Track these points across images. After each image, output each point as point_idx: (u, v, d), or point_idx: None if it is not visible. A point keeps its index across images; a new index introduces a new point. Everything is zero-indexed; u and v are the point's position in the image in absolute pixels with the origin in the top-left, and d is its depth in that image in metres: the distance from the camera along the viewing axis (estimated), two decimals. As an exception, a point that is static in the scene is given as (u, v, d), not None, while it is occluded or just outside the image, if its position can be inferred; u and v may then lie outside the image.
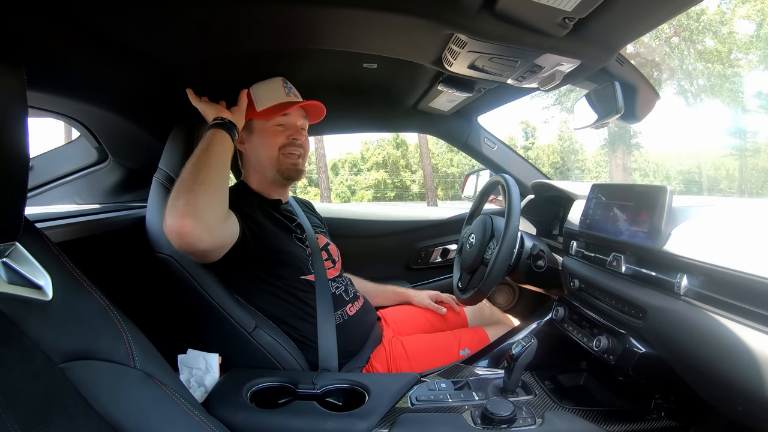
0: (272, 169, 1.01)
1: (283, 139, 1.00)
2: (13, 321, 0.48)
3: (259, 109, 0.99)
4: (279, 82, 1.02)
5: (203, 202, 0.75)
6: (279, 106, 0.99)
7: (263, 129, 1.01)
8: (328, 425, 0.69)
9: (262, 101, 1.00)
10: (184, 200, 0.74)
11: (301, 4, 0.69)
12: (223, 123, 0.88)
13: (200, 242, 0.75)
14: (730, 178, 13.51)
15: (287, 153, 1.01)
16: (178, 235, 0.73)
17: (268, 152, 1.00)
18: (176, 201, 0.74)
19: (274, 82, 1.02)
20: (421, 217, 1.70)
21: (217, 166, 0.80)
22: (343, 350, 0.96)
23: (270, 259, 0.93)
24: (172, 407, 0.55)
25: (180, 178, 0.78)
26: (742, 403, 0.58)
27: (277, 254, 0.94)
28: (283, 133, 1.01)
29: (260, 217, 0.95)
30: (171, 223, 0.73)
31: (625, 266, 0.78)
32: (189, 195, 0.74)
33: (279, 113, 0.99)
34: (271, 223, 0.97)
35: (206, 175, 0.78)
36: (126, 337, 0.55)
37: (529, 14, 0.67)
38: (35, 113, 0.99)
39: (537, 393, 0.82)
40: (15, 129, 0.46)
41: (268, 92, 1.01)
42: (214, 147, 0.83)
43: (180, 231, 0.73)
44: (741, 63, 11.41)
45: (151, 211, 0.92)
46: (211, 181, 0.78)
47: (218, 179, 0.80)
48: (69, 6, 0.63)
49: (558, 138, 19.40)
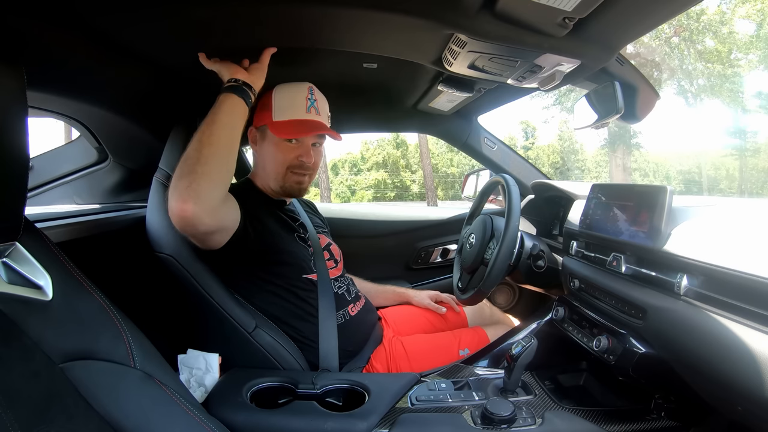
0: (276, 183, 0.99)
1: (293, 158, 0.97)
2: (13, 321, 0.48)
3: (275, 119, 0.96)
4: (304, 91, 0.97)
5: (205, 185, 0.72)
6: (295, 126, 0.95)
7: (275, 141, 0.97)
8: (328, 425, 0.69)
9: (280, 111, 0.96)
10: (186, 182, 0.72)
11: (302, 4, 0.69)
12: (236, 86, 0.79)
13: (201, 225, 0.74)
14: (730, 178, 13.52)
15: (294, 172, 0.98)
16: (180, 218, 0.72)
17: (276, 167, 0.98)
18: (179, 181, 0.72)
19: (298, 91, 0.97)
20: (421, 217, 1.70)
21: (222, 141, 0.75)
22: (343, 350, 0.96)
23: (271, 258, 0.93)
24: (172, 407, 0.55)
25: (185, 154, 0.74)
26: (742, 403, 0.58)
27: (279, 254, 0.94)
28: (293, 151, 0.97)
29: (263, 216, 0.94)
30: (173, 206, 0.72)
31: (625, 266, 0.78)
32: (191, 177, 0.72)
33: (292, 136, 0.95)
34: (274, 222, 0.97)
35: (210, 153, 0.73)
36: (126, 337, 0.55)
37: (529, 14, 0.67)
38: (35, 113, 0.99)
39: (537, 393, 0.82)
40: (15, 129, 0.46)
41: (290, 101, 0.96)
42: (222, 116, 0.77)
43: (182, 215, 0.72)
44: (741, 63, 11.42)
45: (151, 211, 0.92)
46: (216, 160, 0.74)
47: (224, 156, 0.75)
48: (67, 5, 0.63)
49: (558, 138, 19.41)
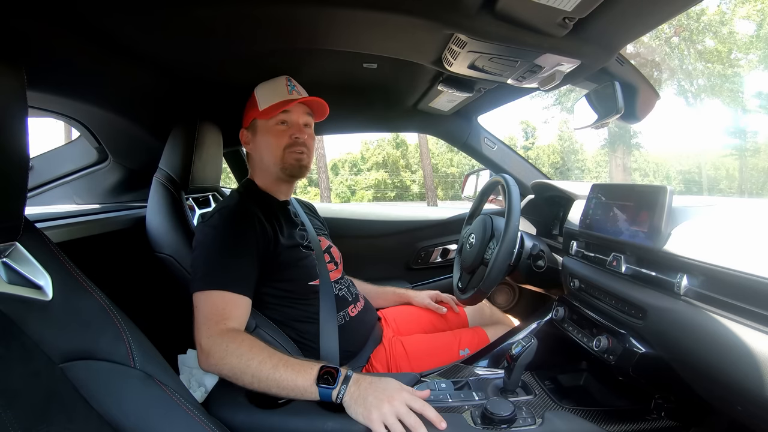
0: (276, 167, 0.99)
1: (287, 139, 0.98)
2: (13, 321, 0.48)
3: (261, 108, 0.98)
4: (283, 80, 1.01)
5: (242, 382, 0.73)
6: (280, 104, 0.98)
7: (266, 128, 0.99)
8: (328, 425, 0.69)
9: (264, 100, 0.99)
10: (225, 376, 0.74)
11: (302, 5, 0.69)
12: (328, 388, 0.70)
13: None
14: (730, 178, 13.52)
15: (291, 151, 0.99)
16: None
17: (273, 152, 0.98)
18: (217, 367, 0.73)
19: (278, 81, 1.01)
20: (421, 217, 1.70)
21: (271, 391, 0.71)
22: (344, 351, 0.95)
23: (280, 276, 0.92)
24: (172, 407, 0.55)
25: (246, 361, 0.71)
26: (742, 403, 0.58)
27: (287, 269, 0.93)
28: (286, 132, 0.99)
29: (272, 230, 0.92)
30: (203, 365, 0.75)
31: (625, 266, 0.78)
32: (230, 378, 0.73)
33: (279, 110, 0.97)
34: (282, 235, 0.94)
35: (255, 389, 0.72)
36: (126, 337, 0.55)
37: (529, 14, 0.67)
38: (35, 113, 0.99)
39: (537, 393, 0.82)
40: (15, 129, 0.46)
41: (271, 91, 1.00)
42: (291, 394, 0.71)
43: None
44: (741, 63, 11.42)
45: (151, 211, 0.92)
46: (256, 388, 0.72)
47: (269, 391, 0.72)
48: (68, 5, 0.63)
49: (558, 138, 19.40)
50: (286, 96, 0.99)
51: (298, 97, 1.00)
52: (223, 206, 0.91)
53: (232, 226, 0.86)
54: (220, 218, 0.87)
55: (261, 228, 0.88)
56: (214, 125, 1.18)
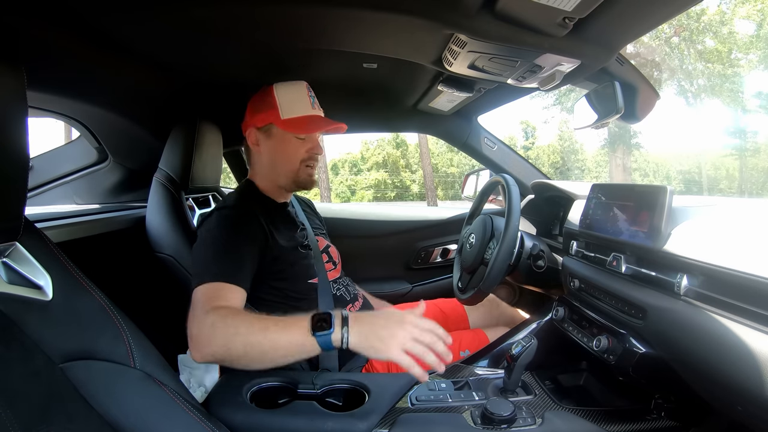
0: (287, 178, 1.00)
1: (304, 153, 0.99)
2: (13, 321, 0.48)
3: (284, 117, 0.96)
4: (304, 89, 0.99)
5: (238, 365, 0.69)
6: (306, 122, 0.97)
7: (285, 138, 0.98)
8: (328, 425, 0.69)
9: (287, 109, 0.97)
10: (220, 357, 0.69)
11: (302, 4, 0.69)
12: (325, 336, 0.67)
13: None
14: (730, 178, 13.53)
15: (307, 165, 1.00)
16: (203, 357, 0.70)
17: (289, 163, 0.98)
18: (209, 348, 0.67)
19: (299, 88, 0.99)
20: (421, 217, 1.70)
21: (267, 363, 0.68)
22: (343, 350, 0.95)
23: (277, 276, 0.92)
24: (172, 407, 0.55)
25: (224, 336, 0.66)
26: (742, 403, 0.58)
27: (285, 269, 0.93)
28: (304, 146, 0.98)
29: (273, 230, 0.92)
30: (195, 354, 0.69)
31: (625, 266, 0.78)
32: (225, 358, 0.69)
33: (307, 132, 0.97)
34: (282, 236, 0.95)
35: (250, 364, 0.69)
36: (126, 337, 0.55)
37: (529, 14, 0.67)
38: (35, 113, 0.99)
39: (537, 393, 0.82)
40: (15, 129, 0.46)
41: (294, 100, 0.98)
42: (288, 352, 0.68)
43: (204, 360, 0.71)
44: (741, 63, 11.42)
45: (151, 211, 0.92)
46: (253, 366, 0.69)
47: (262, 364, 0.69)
48: (67, 5, 0.63)
49: (558, 138, 19.39)
50: (309, 110, 0.98)
51: (319, 112, 1.00)
52: (223, 206, 0.91)
53: (231, 225, 0.86)
54: (219, 218, 0.87)
55: (260, 229, 0.88)
56: (214, 125, 1.18)
